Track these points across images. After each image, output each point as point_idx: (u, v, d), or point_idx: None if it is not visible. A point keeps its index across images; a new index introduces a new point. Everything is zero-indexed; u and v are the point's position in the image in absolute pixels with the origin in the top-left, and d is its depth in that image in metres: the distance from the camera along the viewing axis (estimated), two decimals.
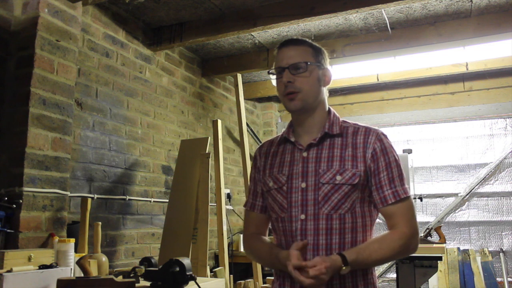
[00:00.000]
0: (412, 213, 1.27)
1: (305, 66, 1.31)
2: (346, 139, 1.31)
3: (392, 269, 4.61)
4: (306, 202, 1.27)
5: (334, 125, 1.34)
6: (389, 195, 1.26)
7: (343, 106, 4.87)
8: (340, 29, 3.38)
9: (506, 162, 4.47)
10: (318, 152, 1.31)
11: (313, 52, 1.35)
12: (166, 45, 3.28)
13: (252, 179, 1.48)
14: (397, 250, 1.24)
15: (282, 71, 1.32)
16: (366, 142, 1.29)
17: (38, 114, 2.11)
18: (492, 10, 3.08)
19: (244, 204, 1.50)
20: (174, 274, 1.46)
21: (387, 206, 1.26)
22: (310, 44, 1.37)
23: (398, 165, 1.29)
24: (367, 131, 1.31)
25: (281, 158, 1.38)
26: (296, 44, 1.34)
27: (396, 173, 1.27)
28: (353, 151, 1.29)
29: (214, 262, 3.75)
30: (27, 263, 1.72)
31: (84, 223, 2.19)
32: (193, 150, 2.97)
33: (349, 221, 1.25)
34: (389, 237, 1.24)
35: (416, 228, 1.26)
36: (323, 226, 1.24)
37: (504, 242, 4.37)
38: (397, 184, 1.26)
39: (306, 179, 1.29)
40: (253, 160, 1.51)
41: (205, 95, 4.01)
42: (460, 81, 4.42)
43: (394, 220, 1.26)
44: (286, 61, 1.32)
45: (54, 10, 2.23)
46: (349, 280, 1.24)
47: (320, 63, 1.36)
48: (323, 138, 1.32)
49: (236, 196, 4.34)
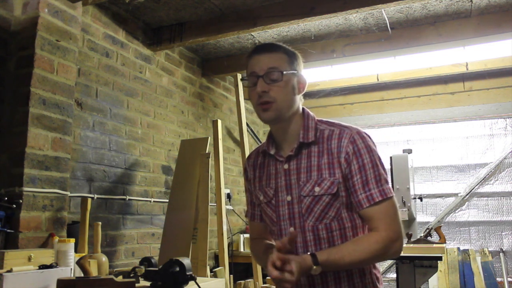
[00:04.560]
0: (393, 216, 1.20)
1: (280, 76, 1.23)
2: (322, 145, 1.26)
3: (392, 269, 4.62)
4: (293, 215, 1.26)
5: (309, 131, 1.28)
6: (363, 199, 1.20)
7: (343, 106, 4.87)
8: (340, 29, 3.38)
9: (506, 162, 4.47)
10: (298, 163, 1.27)
11: (288, 59, 1.27)
12: (166, 45, 3.28)
13: (247, 189, 1.47)
14: (374, 254, 1.18)
15: (256, 79, 1.24)
16: (339, 146, 1.23)
17: (38, 114, 2.11)
18: (492, 10, 3.08)
19: (245, 214, 1.52)
20: (174, 274, 1.46)
21: (363, 210, 1.21)
22: (284, 50, 1.29)
23: (374, 166, 1.22)
24: (341, 134, 1.25)
25: (267, 171, 1.36)
26: (270, 51, 1.27)
27: (371, 175, 1.21)
28: (329, 158, 1.24)
29: (214, 262, 3.75)
30: (27, 263, 1.72)
31: (84, 223, 2.19)
32: (193, 150, 2.97)
33: (336, 228, 1.24)
34: (365, 239, 1.20)
35: (396, 231, 1.19)
36: (311, 237, 1.24)
37: (504, 242, 4.37)
38: (372, 187, 1.20)
39: (291, 192, 1.27)
40: (243, 172, 1.49)
41: (205, 95, 4.01)
42: (460, 81, 4.42)
43: (372, 224, 1.21)
44: (260, 68, 1.24)
45: (54, 10, 2.23)
46: (344, 280, 1.24)
47: (295, 69, 1.28)
48: (300, 147, 1.28)
49: (236, 196, 4.34)
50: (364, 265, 1.25)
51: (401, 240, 1.21)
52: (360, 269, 1.26)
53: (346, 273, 1.24)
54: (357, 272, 1.25)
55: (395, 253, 1.21)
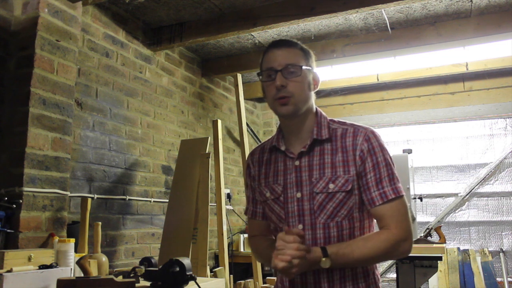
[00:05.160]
0: (403, 215, 1.21)
1: (299, 70, 1.25)
2: (335, 143, 1.27)
3: (392, 269, 4.62)
4: (302, 212, 1.25)
5: (323, 129, 1.29)
6: (376, 196, 1.21)
7: (343, 106, 4.87)
8: (340, 29, 3.38)
9: (506, 162, 4.47)
10: (310, 159, 1.27)
11: (304, 55, 1.29)
12: (166, 45, 3.28)
13: (249, 186, 1.45)
14: (383, 251, 1.18)
15: (275, 74, 1.25)
16: (354, 144, 1.24)
17: (38, 114, 2.11)
18: (492, 10, 3.08)
19: (245, 212, 1.48)
20: (174, 274, 1.46)
21: (375, 207, 1.21)
22: (300, 46, 1.31)
23: (387, 164, 1.23)
24: (355, 132, 1.26)
25: (274, 167, 1.35)
26: (288, 46, 1.28)
27: (385, 173, 1.22)
28: (343, 155, 1.25)
29: (214, 262, 3.75)
30: (27, 263, 1.72)
31: (84, 223, 2.19)
32: (193, 150, 2.97)
33: (347, 227, 1.24)
34: (375, 236, 1.21)
35: (407, 230, 1.20)
36: (321, 235, 1.23)
37: (504, 242, 4.37)
38: (385, 185, 1.21)
39: (301, 189, 1.26)
40: (246, 168, 1.48)
41: (205, 95, 4.01)
42: (460, 81, 4.42)
43: (383, 222, 1.21)
44: (278, 63, 1.25)
45: (54, 10, 2.23)
46: (349, 279, 1.24)
47: (311, 66, 1.30)
48: (313, 144, 1.28)
49: (236, 196, 4.35)
50: (372, 262, 1.25)
51: (411, 240, 1.21)
52: (364, 270, 1.26)
53: (351, 272, 1.23)
54: (361, 272, 1.25)
55: (403, 253, 1.21)
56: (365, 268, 1.26)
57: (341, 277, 1.23)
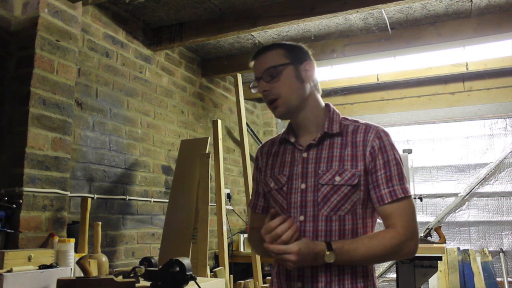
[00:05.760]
0: (411, 214, 1.21)
1: (274, 71, 1.27)
2: (346, 138, 1.28)
3: (392, 269, 4.62)
4: (305, 204, 1.25)
5: (334, 123, 1.30)
6: (385, 194, 1.21)
7: (343, 106, 4.87)
8: (340, 29, 3.38)
9: (506, 162, 4.47)
10: (318, 152, 1.29)
11: (285, 52, 1.30)
12: (166, 45, 3.28)
13: (255, 179, 1.48)
14: (389, 250, 1.17)
15: (258, 82, 1.31)
16: (365, 140, 1.25)
17: (38, 114, 2.11)
18: (492, 10, 3.08)
19: (248, 204, 1.51)
20: (174, 274, 1.46)
21: (383, 205, 1.21)
22: (281, 45, 1.32)
23: (397, 163, 1.24)
24: (367, 129, 1.28)
25: (282, 159, 1.37)
26: (265, 51, 1.31)
27: (395, 172, 1.23)
28: (353, 150, 1.26)
29: (214, 262, 3.75)
30: (27, 263, 1.72)
31: (84, 223, 2.19)
32: (193, 150, 2.97)
33: (349, 222, 1.23)
34: (381, 234, 1.20)
35: (414, 230, 1.20)
36: (322, 228, 1.23)
37: (504, 242, 4.37)
38: (395, 183, 1.22)
39: (306, 180, 1.27)
40: (255, 161, 1.50)
41: (205, 95, 4.01)
42: (460, 81, 4.42)
43: (391, 221, 1.21)
44: (258, 71, 1.30)
45: (54, 10, 2.23)
46: (348, 278, 1.23)
47: (295, 59, 1.30)
48: (323, 137, 1.30)
49: (236, 196, 4.34)
50: (377, 261, 1.24)
51: (417, 240, 1.21)
52: (364, 270, 1.25)
53: (351, 270, 1.23)
54: (360, 271, 1.25)
55: (408, 253, 1.21)
56: (365, 269, 1.26)
57: (339, 273, 1.23)
